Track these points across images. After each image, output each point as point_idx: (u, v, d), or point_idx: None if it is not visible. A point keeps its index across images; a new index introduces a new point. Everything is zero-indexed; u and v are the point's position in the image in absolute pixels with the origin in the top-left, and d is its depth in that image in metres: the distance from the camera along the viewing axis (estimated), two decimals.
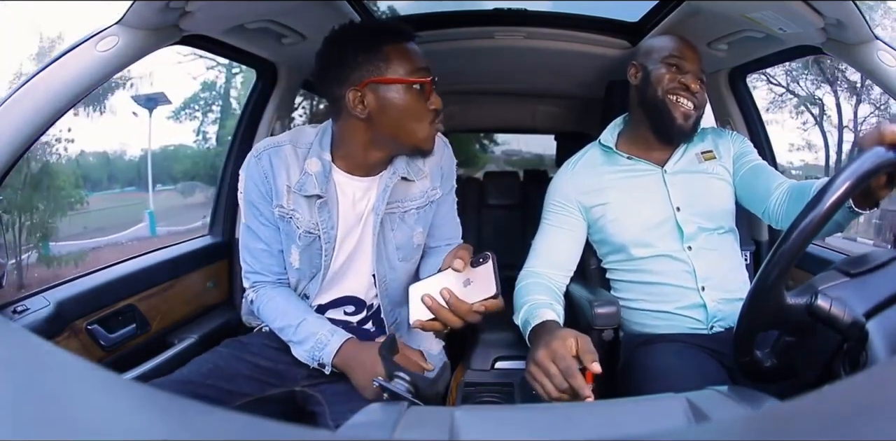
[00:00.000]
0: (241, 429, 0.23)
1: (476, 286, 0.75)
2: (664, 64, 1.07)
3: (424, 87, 0.86)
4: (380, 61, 0.84)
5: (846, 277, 0.63)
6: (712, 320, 1.02)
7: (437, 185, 0.99)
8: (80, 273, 1.10)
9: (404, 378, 0.61)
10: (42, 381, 0.24)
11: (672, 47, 1.08)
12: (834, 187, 0.58)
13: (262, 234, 0.95)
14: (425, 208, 0.98)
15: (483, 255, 0.77)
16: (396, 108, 0.85)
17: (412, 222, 0.97)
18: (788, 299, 0.61)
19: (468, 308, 0.74)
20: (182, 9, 0.90)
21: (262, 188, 0.91)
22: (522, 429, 0.42)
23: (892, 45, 0.97)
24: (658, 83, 1.06)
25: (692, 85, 1.04)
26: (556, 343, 0.74)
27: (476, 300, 0.74)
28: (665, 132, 1.07)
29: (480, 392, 1.34)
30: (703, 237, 1.05)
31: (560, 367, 0.71)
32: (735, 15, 1.11)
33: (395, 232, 0.96)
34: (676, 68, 1.06)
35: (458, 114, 2.29)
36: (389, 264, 0.97)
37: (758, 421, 0.26)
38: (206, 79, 6.97)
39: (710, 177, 1.08)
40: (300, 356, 0.90)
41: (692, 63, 1.06)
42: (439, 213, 1.02)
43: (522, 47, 1.58)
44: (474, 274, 0.76)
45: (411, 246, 0.98)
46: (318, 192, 0.89)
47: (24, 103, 0.82)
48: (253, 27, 1.13)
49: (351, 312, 1.01)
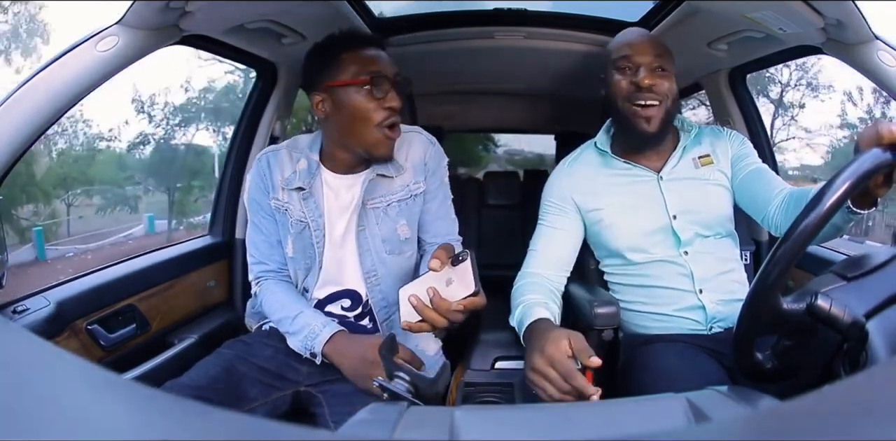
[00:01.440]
0: (240, 429, 0.23)
1: (456, 285, 0.74)
2: (615, 69, 1.05)
3: (378, 87, 0.92)
4: (335, 66, 0.93)
5: (843, 281, 0.63)
6: (711, 321, 1.02)
7: (421, 180, 1.03)
8: (80, 273, 1.10)
9: (404, 378, 0.61)
10: (42, 381, 0.24)
11: (616, 47, 1.06)
12: (834, 188, 0.58)
13: (263, 227, 1.05)
14: (407, 201, 1.03)
15: (462, 252, 0.76)
16: (347, 108, 0.93)
17: (394, 215, 1.01)
18: (785, 305, 0.61)
19: (448, 306, 0.73)
20: (182, 9, 0.90)
21: (262, 185, 1.03)
22: (522, 429, 0.42)
23: (892, 45, 0.97)
24: (617, 92, 1.04)
25: (645, 81, 1.00)
26: (550, 347, 0.73)
27: (457, 299, 0.74)
28: (636, 140, 1.06)
29: (480, 392, 1.34)
30: (699, 242, 1.04)
31: (559, 371, 0.71)
32: (735, 15, 1.11)
33: (379, 226, 1.01)
34: (628, 69, 1.03)
35: (458, 114, 2.29)
36: (378, 257, 1.02)
37: (758, 421, 0.26)
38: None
39: (707, 183, 1.07)
40: (295, 346, 0.94)
41: (641, 54, 1.02)
42: (429, 209, 1.05)
43: (522, 47, 1.58)
44: (454, 273, 0.76)
45: (397, 239, 1.02)
46: (302, 185, 1.00)
47: (24, 103, 0.82)
48: (253, 27, 1.13)
49: (348, 307, 1.04)
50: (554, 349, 0.73)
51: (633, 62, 1.03)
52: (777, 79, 8.97)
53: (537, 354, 0.74)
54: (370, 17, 1.39)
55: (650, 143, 1.06)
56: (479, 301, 0.74)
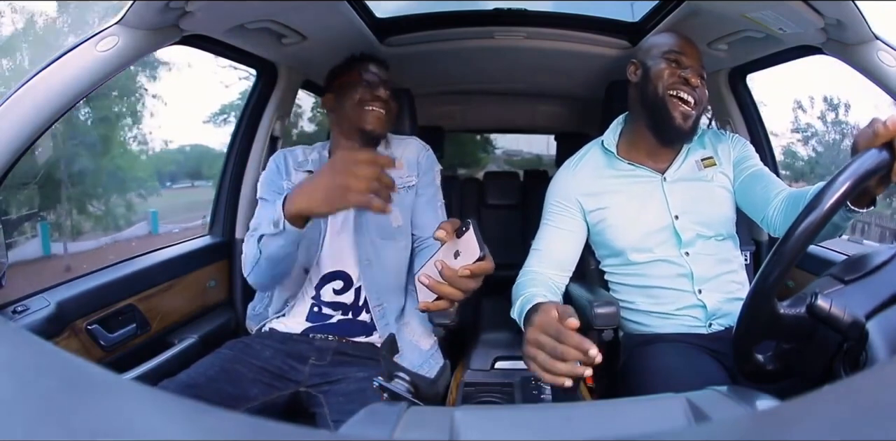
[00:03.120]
0: (240, 429, 0.23)
1: (464, 254, 0.73)
2: (664, 59, 1.05)
3: (371, 82, 1.15)
4: (346, 72, 1.19)
5: (840, 284, 0.63)
6: (711, 318, 1.02)
7: (413, 174, 1.16)
8: (81, 273, 1.10)
9: (404, 378, 0.61)
10: (42, 381, 0.24)
11: (672, 43, 1.07)
12: (834, 188, 0.58)
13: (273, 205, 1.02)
14: (400, 192, 1.12)
15: (464, 222, 0.75)
16: (344, 97, 1.15)
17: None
18: (782, 309, 0.61)
19: (455, 274, 0.70)
20: (182, 9, 0.90)
21: (277, 169, 1.16)
22: (522, 429, 0.42)
23: (892, 45, 0.97)
24: (658, 79, 1.04)
25: (692, 79, 1.02)
26: (540, 317, 0.68)
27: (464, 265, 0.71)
28: (664, 132, 1.05)
29: (480, 392, 1.34)
30: (700, 243, 1.05)
31: (550, 334, 0.64)
32: (735, 15, 1.11)
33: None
34: (676, 64, 1.04)
35: (458, 114, 2.29)
36: (372, 243, 1.10)
37: (758, 421, 0.26)
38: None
39: (709, 184, 1.07)
40: (269, 235, 0.87)
41: (692, 59, 1.05)
42: (420, 203, 1.16)
43: (522, 47, 1.58)
44: (460, 244, 0.74)
45: (390, 226, 1.12)
46: (312, 168, 1.15)
47: (24, 103, 0.82)
48: (253, 27, 1.13)
49: (339, 289, 1.08)
50: (543, 317, 0.68)
51: (682, 60, 1.04)
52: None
53: (529, 328, 0.69)
54: (370, 17, 1.39)
55: (675, 138, 1.06)
56: (486, 265, 0.71)
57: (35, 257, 5.55)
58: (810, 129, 5.87)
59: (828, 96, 5.82)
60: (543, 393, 1.21)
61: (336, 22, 1.24)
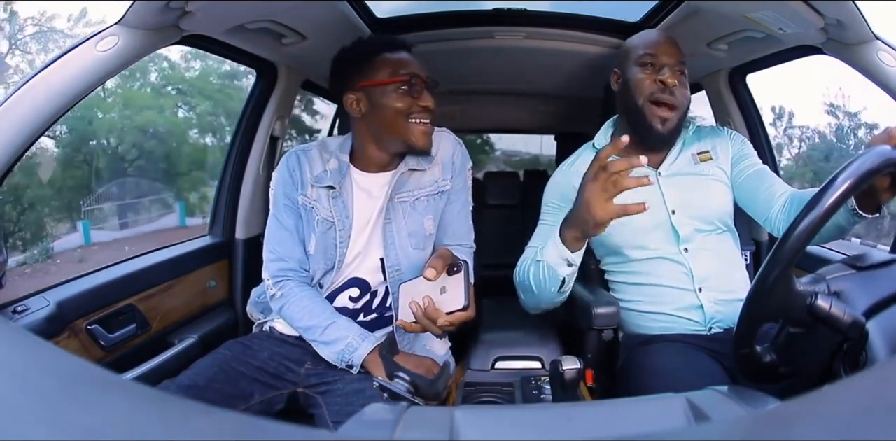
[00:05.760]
0: (240, 429, 0.23)
1: (449, 296, 0.78)
2: (638, 66, 1.05)
3: (413, 87, 0.97)
4: (370, 68, 0.97)
5: (853, 270, 0.63)
6: (710, 321, 1.02)
7: (448, 177, 1.05)
8: (81, 273, 1.10)
9: (404, 378, 0.61)
10: (42, 381, 0.23)
11: (643, 44, 1.06)
12: (835, 186, 0.57)
13: (287, 223, 1.03)
14: (435, 197, 1.04)
15: (457, 263, 0.80)
16: (384, 106, 0.97)
17: (422, 209, 1.02)
18: (798, 286, 0.60)
19: (437, 317, 0.78)
20: (182, 9, 0.90)
21: (291, 180, 1.03)
22: (522, 429, 0.42)
23: (892, 45, 0.97)
24: (637, 90, 1.04)
25: (669, 80, 1.01)
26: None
27: (447, 311, 0.78)
28: (646, 138, 1.06)
29: (480, 392, 1.34)
30: (699, 238, 1.05)
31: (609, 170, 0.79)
32: (735, 15, 1.11)
33: (406, 220, 1.01)
34: (651, 67, 1.04)
35: (458, 114, 2.29)
36: (403, 252, 1.01)
37: (758, 421, 0.26)
38: None
39: (706, 178, 1.07)
40: (327, 356, 0.94)
41: (668, 56, 1.04)
42: (451, 210, 1.07)
43: (522, 47, 1.57)
44: (449, 282, 0.80)
45: (423, 234, 1.03)
46: (332, 183, 1.00)
47: (24, 103, 0.82)
48: (253, 27, 1.13)
49: (355, 297, 1.03)
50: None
51: (657, 61, 1.04)
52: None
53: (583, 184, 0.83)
54: (370, 17, 1.39)
55: (657, 143, 1.07)
56: (466, 315, 0.78)
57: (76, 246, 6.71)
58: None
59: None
60: (543, 393, 1.21)
61: (336, 22, 1.24)
